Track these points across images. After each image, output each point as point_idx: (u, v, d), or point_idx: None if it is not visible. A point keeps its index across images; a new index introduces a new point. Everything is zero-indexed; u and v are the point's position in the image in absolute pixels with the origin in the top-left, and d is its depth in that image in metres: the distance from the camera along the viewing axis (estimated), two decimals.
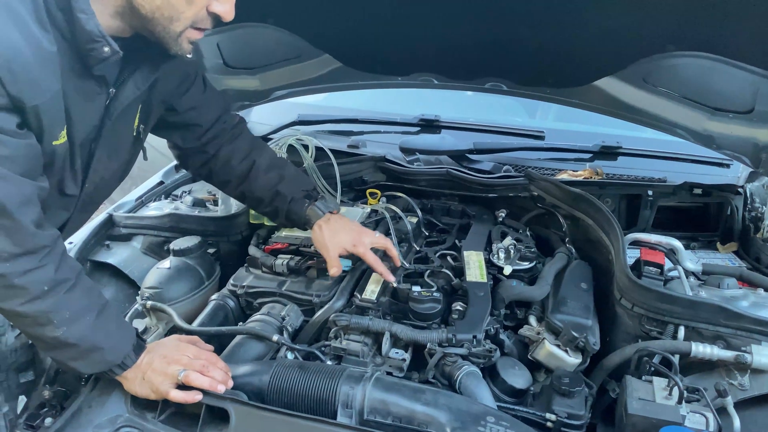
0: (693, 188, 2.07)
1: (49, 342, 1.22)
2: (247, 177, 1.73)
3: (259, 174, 1.73)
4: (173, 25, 1.18)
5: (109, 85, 1.29)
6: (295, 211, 1.72)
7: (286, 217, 1.75)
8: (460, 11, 1.83)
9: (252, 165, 1.73)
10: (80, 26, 1.12)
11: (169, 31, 1.19)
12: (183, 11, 1.17)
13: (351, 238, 1.68)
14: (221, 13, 1.21)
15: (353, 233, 1.70)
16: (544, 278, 1.72)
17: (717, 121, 1.84)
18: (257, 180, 1.73)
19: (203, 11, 1.20)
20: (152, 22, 1.17)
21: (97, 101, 1.29)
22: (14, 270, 1.13)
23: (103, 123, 1.33)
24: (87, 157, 1.35)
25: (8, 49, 1.03)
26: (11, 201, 1.11)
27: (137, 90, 1.33)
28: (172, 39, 1.21)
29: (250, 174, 1.73)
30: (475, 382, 1.39)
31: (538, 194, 2.07)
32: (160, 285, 1.79)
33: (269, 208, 1.77)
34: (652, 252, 1.76)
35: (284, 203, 1.72)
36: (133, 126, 1.46)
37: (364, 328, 1.52)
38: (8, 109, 1.08)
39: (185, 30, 1.21)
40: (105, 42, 1.15)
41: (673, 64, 1.74)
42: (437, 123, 2.59)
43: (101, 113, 1.32)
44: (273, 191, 1.72)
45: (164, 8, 1.15)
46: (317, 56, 2.19)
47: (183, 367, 1.31)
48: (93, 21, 1.12)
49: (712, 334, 1.49)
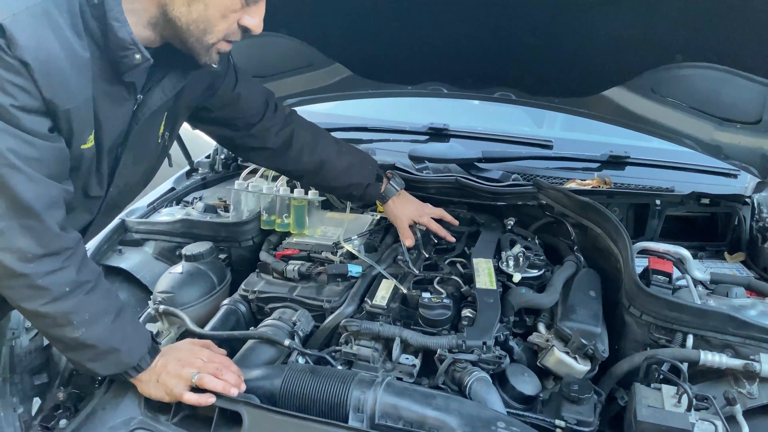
0: (701, 198, 2.07)
1: (69, 343, 1.24)
2: (319, 170, 1.86)
3: (332, 166, 1.86)
4: (206, 37, 1.22)
5: (137, 92, 1.32)
6: (370, 194, 1.93)
7: (361, 198, 1.97)
8: (469, 21, 1.85)
9: (322, 159, 1.85)
10: (113, 34, 1.16)
11: (202, 42, 1.23)
12: (217, 25, 1.21)
13: (416, 210, 1.97)
14: (251, 27, 1.25)
15: (417, 206, 2.00)
16: (553, 286, 1.73)
17: (725, 132, 1.85)
18: (331, 172, 1.87)
19: (235, 25, 1.24)
20: (186, 33, 1.21)
21: (126, 107, 1.32)
22: (38, 270, 1.16)
23: (130, 128, 1.36)
24: (113, 161, 1.38)
25: (45, 54, 1.06)
26: (39, 202, 1.14)
27: (164, 97, 1.37)
28: (204, 50, 1.25)
29: (322, 168, 1.86)
30: (485, 388, 1.40)
31: (546, 203, 2.08)
32: (172, 289, 1.80)
33: (344, 194, 1.99)
34: (660, 261, 1.76)
35: (360, 189, 1.91)
36: (158, 133, 1.49)
37: (374, 333, 1.53)
38: (41, 112, 1.11)
39: (218, 42, 1.25)
40: (136, 49, 1.18)
41: (681, 74, 1.75)
42: (446, 132, 2.61)
43: (129, 119, 1.35)
44: (347, 181, 1.89)
45: (200, 21, 1.20)
46: (328, 65, 2.22)
47: (197, 370, 1.33)
48: (126, 29, 1.16)
49: (720, 343, 1.49)
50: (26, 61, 1.03)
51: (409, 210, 1.95)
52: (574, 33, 1.78)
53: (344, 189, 1.92)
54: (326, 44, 2.12)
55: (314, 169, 1.85)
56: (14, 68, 1.03)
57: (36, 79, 1.06)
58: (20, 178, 1.10)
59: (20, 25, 1.02)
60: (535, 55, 1.94)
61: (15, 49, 1.02)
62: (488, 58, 2.02)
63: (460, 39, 1.94)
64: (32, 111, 1.09)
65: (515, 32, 1.85)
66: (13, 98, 1.05)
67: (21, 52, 1.02)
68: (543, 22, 1.77)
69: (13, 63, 1.03)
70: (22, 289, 1.17)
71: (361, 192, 1.91)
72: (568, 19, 1.73)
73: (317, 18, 2.00)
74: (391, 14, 1.91)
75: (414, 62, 2.14)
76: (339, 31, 2.05)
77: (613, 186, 2.25)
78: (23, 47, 1.02)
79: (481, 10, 1.80)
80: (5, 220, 1.11)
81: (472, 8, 1.78)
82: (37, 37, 1.05)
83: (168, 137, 1.56)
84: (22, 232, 1.13)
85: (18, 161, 1.09)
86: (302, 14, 1.99)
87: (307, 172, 1.86)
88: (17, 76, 1.04)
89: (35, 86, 1.07)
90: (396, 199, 1.95)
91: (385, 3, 1.85)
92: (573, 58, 1.90)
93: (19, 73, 1.04)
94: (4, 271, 1.14)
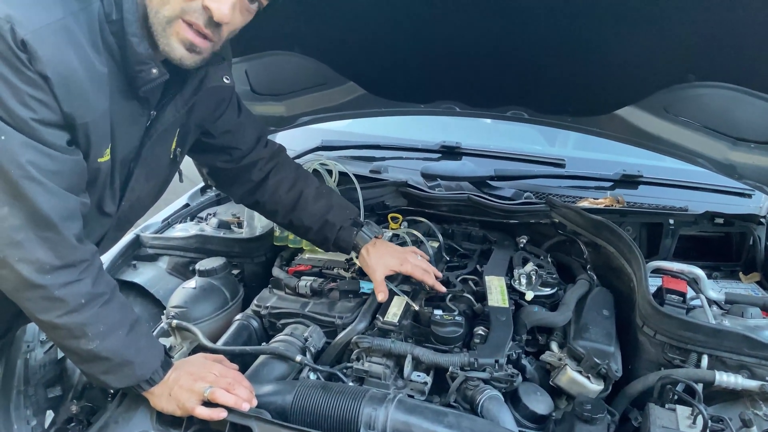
0: (714, 218, 2.06)
1: (83, 355, 1.25)
2: (295, 207, 1.78)
3: (307, 204, 1.78)
4: (164, 8, 1.16)
5: (151, 107, 1.35)
6: (343, 238, 1.79)
7: (334, 243, 1.80)
8: (482, 40, 1.87)
9: (300, 195, 1.78)
10: (132, 49, 1.18)
11: (159, 16, 1.17)
12: None
13: (396, 258, 1.78)
14: (213, 10, 1.15)
15: (397, 254, 1.81)
16: (566, 304, 1.72)
17: (739, 151, 1.84)
18: (305, 209, 1.78)
19: (197, 2, 1.15)
20: (149, 7, 1.17)
21: (139, 122, 1.35)
22: (55, 282, 1.17)
23: (143, 143, 1.38)
24: (125, 176, 1.40)
25: (65, 69, 1.09)
26: (57, 214, 1.15)
27: (177, 113, 1.39)
28: (161, 28, 1.18)
29: (298, 204, 1.78)
30: (498, 407, 1.39)
31: (559, 221, 2.08)
32: (185, 304, 1.82)
33: (318, 236, 1.82)
34: (674, 280, 1.76)
35: (333, 232, 1.78)
36: (170, 149, 1.51)
37: (386, 350, 1.53)
38: (60, 125, 1.14)
39: (175, 20, 1.17)
40: (153, 64, 1.21)
41: (694, 94, 1.75)
42: (458, 150, 2.62)
43: (142, 134, 1.37)
44: (322, 220, 1.78)
45: None
46: (342, 83, 2.24)
47: (209, 385, 1.33)
48: (144, 44, 1.18)
49: (736, 364, 1.48)
50: (47, 75, 1.06)
51: (385, 259, 1.77)
52: (587, 52, 1.79)
53: (317, 230, 1.79)
54: (340, 63, 2.14)
55: (290, 205, 1.78)
56: (35, 83, 1.06)
57: (56, 93, 1.09)
58: (39, 190, 1.12)
59: (42, 40, 1.05)
60: (548, 75, 1.95)
61: (36, 64, 1.04)
62: (501, 77, 2.03)
63: (473, 58, 1.96)
64: (51, 124, 1.12)
65: (528, 51, 1.86)
66: (33, 112, 1.08)
67: (42, 66, 1.05)
68: (556, 42, 1.78)
69: (34, 77, 1.05)
70: (38, 300, 1.18)
71: (334, 235, 1.78)
72: (580, 39, 1.74)
73: (331, 37, 2.03)
74: (405, 34, 1.93)
75: (427, 81, 2.16)
76: (353, 50, 2.08)
77: (626, 205, 2.25)
78: (44, 62, 1.05)
79: (493, 30, 1.81)
80: (24, 231, 1.13)
81: (485, 28, 1.79)
82: (58, 52, 1.08)
83: (180, 153, 1.58)
84: (40, 243, 1.15)
85: (37, 173, 1.11)
86: (316, 34, 2.02)
87: (283, 206, 1.79)
88: (38, 90, 1.07)
89: (55, 100, 1.09)
90: (370, 248, 1.79)
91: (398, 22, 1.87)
92: (586, 78, 1.90)
93: (40, 87, 1.07)
94: (22, 282, 1.15)
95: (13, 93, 1.05)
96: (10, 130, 1.07)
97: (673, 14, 1.51)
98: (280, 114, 2.45)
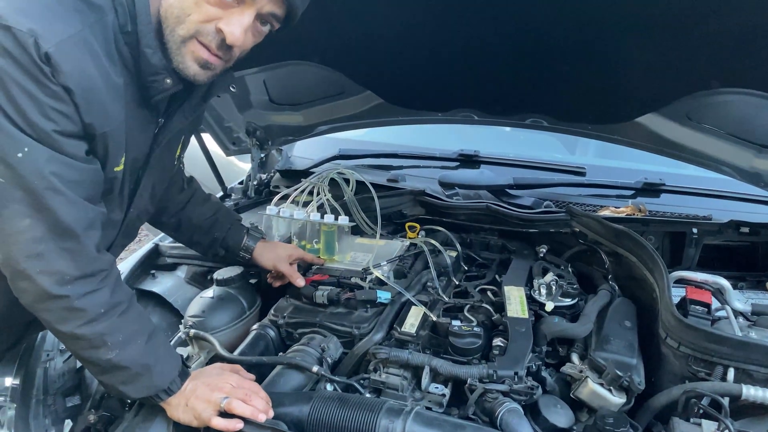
0: (740, 227, 2.02)
1: (102, 365, 1.26)
2: (185, 205, 1.82)
3: (198, 202, 1.84)
4: (179, 28, 1.19)
5: (159, 115, 1.37)
6: (232, 236, 1.87)
7: (222, 244, 1.87)
8: (500, 48, 1.86)
9: (191, 195, 1.83)
10: (146, 60, 1.20)
11: (174, 35, 1.20)
12: (190, 14, 1.18)
13: (287, 247, 1.95)
14: (226, 33, 1.19)
15: (285, 244, 1.98)
16: (587, 315, 1.69)
17: (765, 159, 1.81)
18: (196, 208, 1.84)
19: (211, 25, 1.19)
20: (164, 23, 1.20)
21: (148, 130, 1.36)
22: (75, 292, 1.18)
23: (151, 151, 1.40)
24: (134, 184, 1.42)
25: (86, 80, 1.11)
26: (79, 225, 1.17)
27: (184, 120, 1.41)
28: (176, 46, 1.21)
29: (189, 202, 1.83)
30: (517, 419, 1.36)
31: (579, 230, 2.05)
32: (202, 314, 1.82)
33: (206, 237, 1.87)
34: (698, 291, 1.72)
35: (223, 230, 1.86)
36: (175, 155, 1.54)
37: (403, 361, 1.52)
38: (80, 136, 1.15)
39: (190, 40, 1.20)
40: (167, 74, 1.23)
41: (717, 101, 1.73)
42: (477, 158, 2.61)
43: (150, 142, 1.39)
44: (212, 219, 1.85)
45: (175, 7, 1.18)
46: (359, 93, 2.25)
47: (226, 395, 1.33)
48: (158, 55, 1.20)
49: (763, 377, 1.43)
50: (69, 87, 1.08)
51: (279, 251, 1.90)
52: (608, 59, 1.77)
53: (207, 230, 1.85)
54: (357, 72, 2.15)
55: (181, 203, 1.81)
56: (58, 95, 1.07)
57: (78, 104, 1.10)
58: (62, 201, 1.13)
59: (64, 53, 1.06)
60: (568, 82, 1.93)
61: (59, 76, 1.06)
62: (520, 84, 2.02)
63: (492, 66, 1.95)
64: (72, 135, 1.13)
65: (547, 59, 1.85)
66: (55, 123, 1.09)
67: (65, 78, 1.07)
68: (575, 49, 1.76)
69: (56, 90, 1.07)
70: (58, 311, 1.18)
71: (224, 233, 1.86)
72: (601, 46, 1.72)
73: (349, 47, 2.03)
74: (422, 43, 1.93)
75: (445, 89, 2.15)
76: (370, 59, 2.08)
77: (648, 214, 2.21)
78: (67, 74, 1.07)
79: (512, 37, 1.80)
80: (44, 242, 1.14)
81: (504, 35, 1.78)
82: (79, 64, 1.09)
83: (182, 159, 1.61)
84: (60, 254, 1.16)
85: (60, 184, 1.12)
86: (334, 44, 2.03)
87: (174, 204, 1.80)
88: (60, 103, 1.08)
89: (76, 111, 1.11)
90: (261, 246, 1.90)
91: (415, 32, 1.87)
92: (606, 85, 1.89)
93: (62, 99, 1.08)
94: (42, 294, 1.16)
95: (36, 106, 1.06)
96: (32, 143, 1.08)
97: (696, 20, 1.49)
98: (298, 123, 2.46)
